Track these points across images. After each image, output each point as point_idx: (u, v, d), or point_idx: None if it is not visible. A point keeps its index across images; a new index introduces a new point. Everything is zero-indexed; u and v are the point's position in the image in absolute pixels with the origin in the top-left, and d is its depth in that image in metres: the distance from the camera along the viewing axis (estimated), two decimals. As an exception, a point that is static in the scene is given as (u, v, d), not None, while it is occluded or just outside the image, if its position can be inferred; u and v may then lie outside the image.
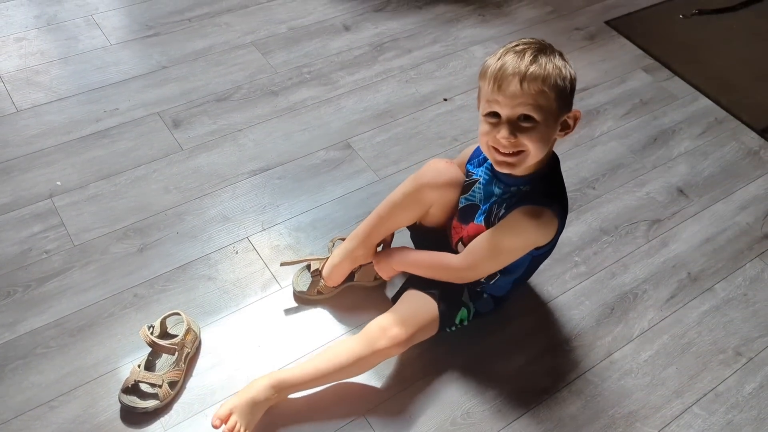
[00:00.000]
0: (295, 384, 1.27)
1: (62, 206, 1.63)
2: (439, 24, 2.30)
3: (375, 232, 1.41)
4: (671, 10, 2.49)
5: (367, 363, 1.30)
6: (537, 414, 1.35)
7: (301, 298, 1.49)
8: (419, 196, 1.34)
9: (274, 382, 1.25)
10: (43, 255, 1.53)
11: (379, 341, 1.27)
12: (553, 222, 1.21)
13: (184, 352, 1.34)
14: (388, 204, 1.40)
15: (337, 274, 1.45)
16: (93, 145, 1.78)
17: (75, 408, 1.29)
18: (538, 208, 1.19)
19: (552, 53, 1.12)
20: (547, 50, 1.12)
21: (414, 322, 1.30)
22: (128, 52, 2.07)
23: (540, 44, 1.13)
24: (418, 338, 1.32)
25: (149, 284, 1.49)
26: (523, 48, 1.12)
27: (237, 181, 1.72)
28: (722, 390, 1.41)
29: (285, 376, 1.27)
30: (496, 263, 1.29)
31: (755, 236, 1.72)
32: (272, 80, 2.02)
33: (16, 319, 1.41)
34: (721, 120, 2.05)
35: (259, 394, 1.23)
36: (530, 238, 1.24)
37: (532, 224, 1.20)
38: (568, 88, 1.12)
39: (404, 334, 1.28)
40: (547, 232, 1.23)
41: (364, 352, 1.27)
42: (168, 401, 1.30)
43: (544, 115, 1.11)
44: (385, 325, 1.29)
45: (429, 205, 1.37)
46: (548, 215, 1.20)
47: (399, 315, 1.31)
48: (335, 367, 1.28)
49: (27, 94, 1.90)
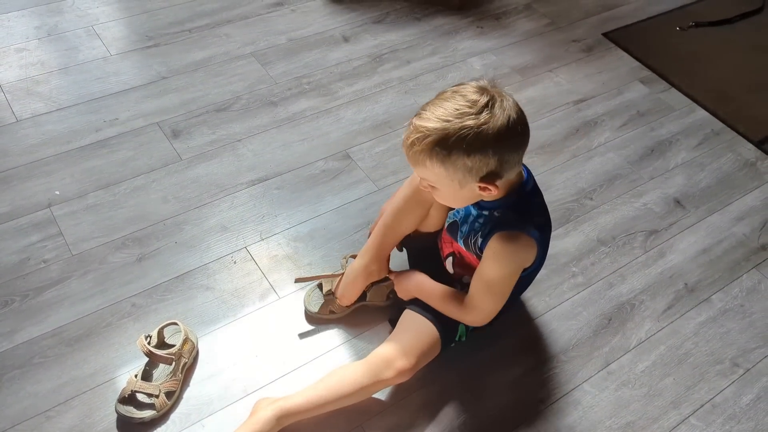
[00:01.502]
0: (299, 413, 1.26)
1: (61, 216, 1.63)
2: (437, 36, 2.32)
3: (385, 243, 1.41)
4: (668, 22, 2.51)
5: (371, 392, 1.31)
6: (534, 424, 1.35)
7: (313, 318, 1.47)
8: (419, 196, 1.35)
9: (279, 413, 1.24)
10: (41, 264, 1.53)
11: (384, 373, 1.27)
12: (530, 243, 1.20)
13: (181, 362, 1.34)
14: (391, 212, 1.40)
15: (351, 292, 1.44)
16: (92, 155, 1.79)
17: (72, 418, 1.29)
18: (513, 233, 1.18)
19: (463, 118, 1.03)
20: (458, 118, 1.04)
21: (417, 351, 1.30)
22: (128, 62, 2.08)
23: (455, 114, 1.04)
24: (422, 364, 1.32)
25: (147, 294, 1.49)
26: (422, 122, 1.06)
27: (236, 191, 1.73)
28: (719, 401, 1.41)
29: (289, 406, 1.25)
30: (496, 298, 1.27)
31: (752, 247, 1.72)
32: (272, 91, 2.03)
33: (14, 329, 1.41)
34: (718, 131, 2.06)
35: (264, 427, 1.22)
36: (515, 263, 1.23)
37: (511, 249, 1.19)
38: (467, 161, 1.05)
39: (409, 364, 1.28)
40: (528, 254, 1.22)
41: (368, 383, 1.27)
42: (165, 411, 1.30)
43: (440, 185, 1.12)
44: (389, 357, 1.28)
45: (430, 204, 1.37)
46: (524, 238, 1.19)
47: (402, 345, 1.30)
48: (338, 396, 1.27)
49: (27, 104, 1.91)
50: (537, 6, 2.52)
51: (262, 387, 1.36)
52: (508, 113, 1.06)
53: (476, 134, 1.03)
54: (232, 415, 1.31)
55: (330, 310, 1.46)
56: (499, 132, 1.04)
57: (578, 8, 2.53)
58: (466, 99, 1.06)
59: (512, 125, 1.06)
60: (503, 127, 1.05)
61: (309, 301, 1.48)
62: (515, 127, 1.07)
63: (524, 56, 2.28)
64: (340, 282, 1.45)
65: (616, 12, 2.53)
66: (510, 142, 1.07)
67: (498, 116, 1.05)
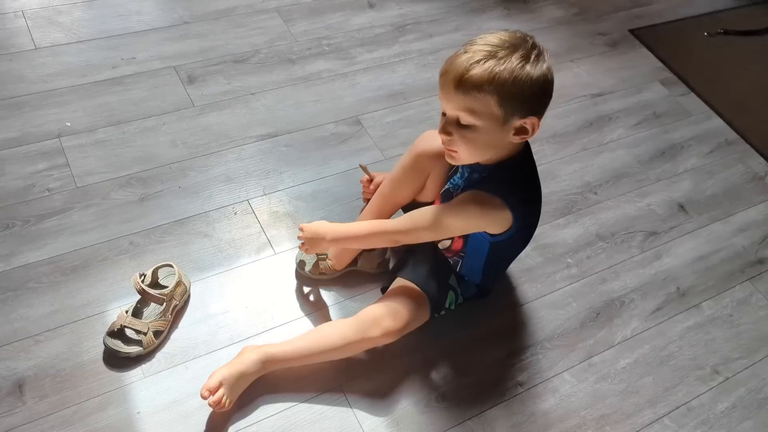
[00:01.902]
0: (284, 360, 1.28)
1: (69, 147, 1.64)
2: (463, 12, 2.30)
3: (381, 212, 1.43)
4: (697, 26, 2.48)
5: (357, 348, 1.33)
6: (510, 406, 1.37)
7: (301, 274, 1.49)
8: (417, 166, 1.36)
9: (264, 357, 1.26)
10: (45, 193, 1.54)
11: (372, 330, 1.29)
12: (503, 212, 1.18)
13: (172, 304, 1.35)
14: (388, 182, 1.42)
15: (345, 257, 1.46)
16: (106, 91, 1.79)
17: (59, 345, 1.31)
18: (488, 195, 1.18)
19: (515, 52, 1.07)
20: (512, 49, 1.07)
21: (406, 314, 1.31)
22: (152, 2, 2.07)
23: (505, 45, 1.08)
24: (410, 328, 1.34)
25: (146, 234, 1.51)
26: (477, 48, 1.08)
27: (244, 144, 1.74)
28: (695, 405, 1.43)
29: (275, 351, 1.28)
30: (433, 234, 1.27)
31: (749, 260, 1.73)
32: (291, 48, 2.02)
33: (12, 252, 1.43)
34: (731, 141, 2.05)
35: (249, 368, 1.25)
36: (472, 222, 1.23)
37: (476, 209, 1.19)
38: (525, 92, 1.07)
39: (396, 325, 1.30)
40: (496, 221, 1.21)
41: (355, 338, 1.29)
42: (151, 350, 1.32)
43: (482, 120, 1.10)
44: (378, 316, 1.30)
45: (428, 174, 1.38)
46: (497, 204, 1.18)
47: (391, 307, 1.32)
48: (324, 349, 1.29)
49: (47, 33, 1.91)
50: (567, -6, 2.49)
51: (249, 338, 1.38)
52: (550, 65, 1.11)
53: (531, 67, 1.07)
54: (216, 361, 1.32)
55: (320, 271, 1.47)
56: (547, 73, 1.10)
57: (608, 1, 2.51)
58: (515, 36, 1.10)
59: (552, 76, 1.12)
60: (550, 71, 1.11)
61: (303, 255, 1.49)
62: (553, 81, 1.12)
63: (548, 43, 2.20)
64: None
65: (646, 9, 2.50)
66: (550, 90, 1.13)
67: (546, 60, 1.10)
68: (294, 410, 1.29)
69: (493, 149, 1.18)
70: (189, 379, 1.30)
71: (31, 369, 1.28)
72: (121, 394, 1.27)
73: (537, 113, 1.12)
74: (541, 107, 1.13)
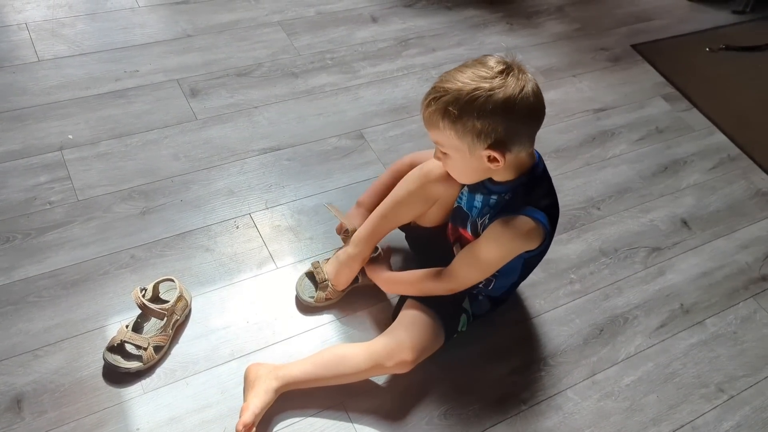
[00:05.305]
0: (296, 384, 1.28)
1: (71, 160, 1.64)
2: (466, 27, 2.30)
3: (379, 232, 1.41)
4: (699, 41, 2.49)
5: (368, 376, 1.33)
6: (513, 423, 1.35)
7: (309, 309, 1.46)
8: (426, 192, 1.34)
9: (280, 386, 1.26)
10: (46, 206, 1.54)
11: (386, 362, 1.28)
12: (537, 229, 1.20)
13: (173, 319, 1.34)
14: (392, 204, 1.38)
15: (347, 278, 1.44)
16: (109, 104, 1.79)
17: (59, 360, 1.30)
18: (519, 217, 1.19)
19: (476, 89, 1.06)
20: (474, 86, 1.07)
21: (421, 345, 1.30)
22: (155, 16, 2.08)
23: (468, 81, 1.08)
24: (423, 357, 1.32)
25: (147, 248, 1.50)
26: (440, 84, 1.10)
27: (246, 157, 1.73)
28: (700, 424, 1.42)
29: (289, 379, 1.27)
30: (480, 273, 1.30)
31: (752, 277, 1.72)
32: (294, 62, 2.03)
33: (12, 265, 1.43)
34: (734, 157, 2.05)
35: (272, 398, 1.25)
36: (512, 248, 1.24)
37: (511, 235, 1.20)
38: (479, 127, 1.08)
39: (411, 357, 1.29)
40: (532, 239, 1.22)
41: (367, 368, 1.29)
42: (151, 365, 1.31)
43: (450, 151, 1.15)
44: (392, 348, 1.29)
45: (435, 201, 1.37)
46: (530, 223, 1.19)
47: (406, 338, 1.30)
48: (335, 375, 1.29)
49: (50, 45, 1.91)
50: (569, 9, 2.50)
51: (250, 353, 1.37)
52: (522, 84, 1.09)
53: (487, 97, 1.06)
54: (217, 377, 1.32)
55: (326, 297, 1.45)
56: (509, 99, 1.07)
57: (610, 16, 2.52)
58: (486, 66, 1.10)
59: (524, 96, 1.08)
60: (514, 95, 1.07)
61: (302, 290, 1.46)
62: (527, 98, 1.09)
63: (550, 58, 2.27)
64: (332, 268, 1.44)
65: (648, 25, 2.51)
66: (520, 112, 1.09)
67: (511, 85, 1.08)
68: (296, 427, 1.28)
69: (481, 173, 1.19)
70: (189, 395, 1.29)
71: (30, 384, 1.26)
72: (121, 410, 1.25)
73: (506, 143, 1.11)
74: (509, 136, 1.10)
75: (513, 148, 1.12)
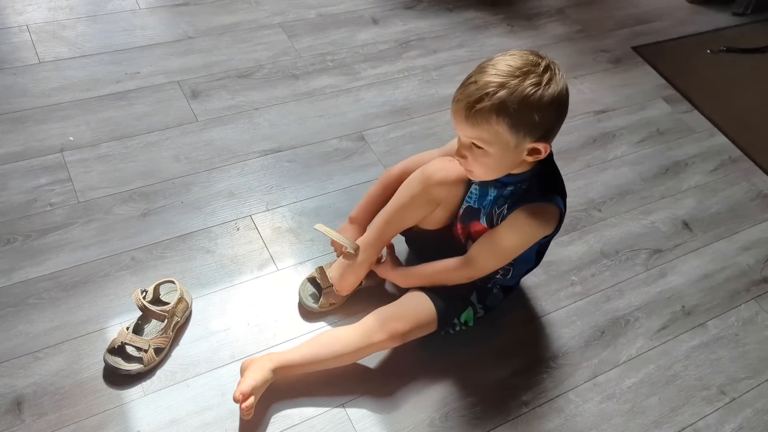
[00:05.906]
0: (292, 367, 1.28)
1: (72, 162, 1.64)
2: (467, 29, 2.30)
3: (385, 236, 1.41)
4: (700, 44, 2.48)
5: (362, 353, 1.32)
6: (515, 426, 1.35)
7: (311, 313, 1.45)
8: (429, 195, 1.34)
9: (276, 366, 1.26)
10: (47, 207, 1.54)
11: (377, 334, 1.29)
12: (555, 214, 1.24)
13: (173, 321, 1.34)
14: (396, 208, 1.38)
15: (351, 283, 1.43)
16: (110, 106, 1.79)
17: (59, 361, 1.30)
18: (540, 205, 1.22)
19: (525, 80, 1.08)
20: (523, 77, 1.08)
21: (412, 318, 1.32)
22: (156, 18, 2.08)
23: (515, 74, 1.08)
24: (415, 335, 1.33)
25: (148, 249, 1.50)
26: (487, 79, 1.09)
27: (247, 159, 1.73)
28: (701, 426, 1.41)
29: (284, 360, 1.27)
30: (500, 262, 1.32)
31: (754, 279, 1.72)
32: (295, 64, 2.03)
33: (13, 267, 1.42)
34: (735, 159, 2.04)
35: (267, 376, 1.24)
36: (533, 236, 1.27)
37: (534, 223, 1.23)
38: (536, 119, 1.09)
39: (401, 328, 1.30)
40: (551, 224, 1.25)
41: (360, 343, 1.29)
42: (152, 367, 1.31)
43: (493, 147, 1.13)
44: (383, 318, 1.31)
45: (438, 204, 1.37)
46: (550, 210, 1.23)
47: (398, 310, 1.33)
48: (330, 355, 1.29)
49: (51, 47, 1.91)
50: (570, 11, 2.50)
51: (250, 355, 1.36)
52: (564, 82, 1.13)
53: (543, 92, 1.09)
54: (217, 379, 1.31)
55: (330, 302, 1.45)
56: (560, 94, 1.12)
57: (611, 18, 2.52)
58: (526, 60, 1.11)
59: (566, 93, 1.15)
60: (563, 91, 1.13)
61: (306, 296, 1.45)
62: (568, 96, 1.15)
63: None
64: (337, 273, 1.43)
65: (649, 27, 2.51)
66: (565, 108, 1.15)
67: (559, 81, 1.12)
68: (296, 429, 1.27)
69: (510, 167, 1.20)
70: (190, 397, 1.29)
71: (30, 386, 1.26)
72: (121, 412, 1.25)
73: (549, 135, 1.16)
74: (553, 129, 1.16)
75: (551, 140, 1.16)
